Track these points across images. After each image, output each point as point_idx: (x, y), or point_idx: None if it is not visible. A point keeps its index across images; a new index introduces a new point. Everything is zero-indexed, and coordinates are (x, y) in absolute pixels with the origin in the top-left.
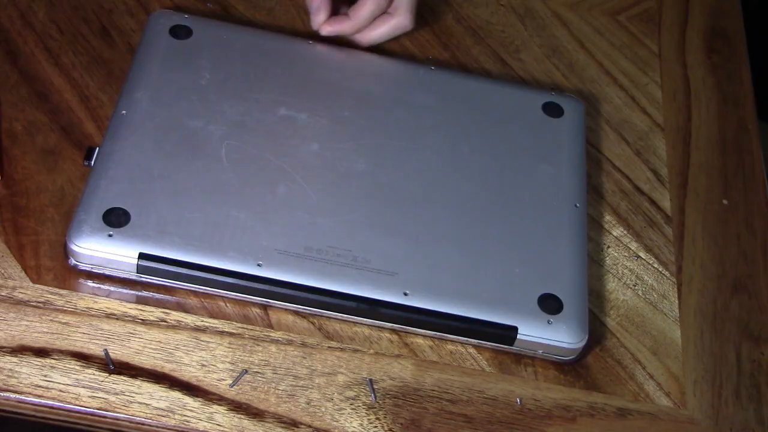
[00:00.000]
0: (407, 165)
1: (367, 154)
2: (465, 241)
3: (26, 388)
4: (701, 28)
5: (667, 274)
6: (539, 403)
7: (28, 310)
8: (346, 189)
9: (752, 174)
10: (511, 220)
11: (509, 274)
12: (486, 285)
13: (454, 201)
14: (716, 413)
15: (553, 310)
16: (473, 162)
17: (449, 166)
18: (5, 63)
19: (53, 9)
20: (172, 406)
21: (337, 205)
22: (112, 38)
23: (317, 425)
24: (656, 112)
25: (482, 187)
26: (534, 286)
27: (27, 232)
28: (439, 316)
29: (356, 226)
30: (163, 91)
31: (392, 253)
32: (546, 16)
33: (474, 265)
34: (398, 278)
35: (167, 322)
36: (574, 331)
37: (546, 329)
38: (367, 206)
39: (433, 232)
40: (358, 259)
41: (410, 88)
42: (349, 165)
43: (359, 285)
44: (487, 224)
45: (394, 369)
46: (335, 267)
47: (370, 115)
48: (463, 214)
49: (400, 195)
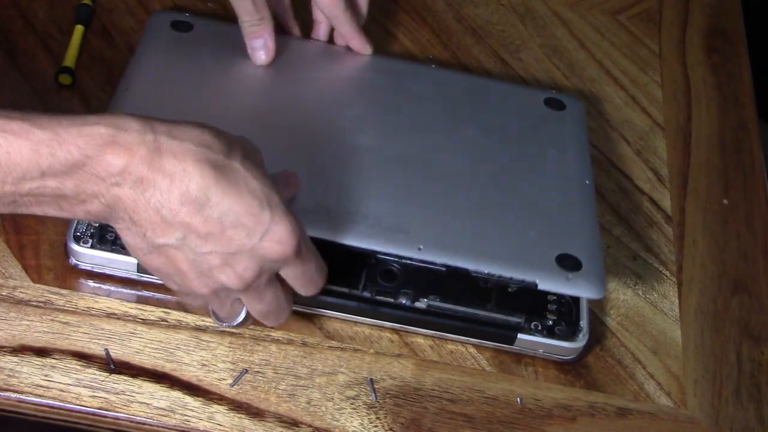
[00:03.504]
0: (417, 142)
1: (378, 131)
2: (479, 208)
3: (27, 387)
4: (701, 27)
5: (667, 273)
6: (539, 402)
7: (29, 309)
8: (356, 161)
9: (752, 174)
10: (523, 191)
11: (525, 237)
12: (502, 245)
13: (466, 174)
14: (716, 413)
15: (571, 268)
16: (482, 144)
17: (459, 146)
18: (5, 63)
19: (53, 9)
20: (172, 405)
21: (348, 173)
22: (113, 38)
23: (318, 425)
24: (656, 112)
25: (493, 164)
26: (550, 247)
27: (27, 232)
28: (439, 315)
29: (366, 191)
30: (165, 71)
31: (405, 214)
32: (546, 16)
33: (490, 228)
34: (411, 236)
35: (168, 321)
36: (595, 286)
37: (566, 285)
38: (379, 177)
39: (446, 200)
40: (369, 218)
41: (411, 81)
42: (357, 139)
43: (371, 239)
44: (500, 195)
45: (395, 368)
46: (346, 224)
47: (373, 105)
48: (475, 186)
49: (409, 169)
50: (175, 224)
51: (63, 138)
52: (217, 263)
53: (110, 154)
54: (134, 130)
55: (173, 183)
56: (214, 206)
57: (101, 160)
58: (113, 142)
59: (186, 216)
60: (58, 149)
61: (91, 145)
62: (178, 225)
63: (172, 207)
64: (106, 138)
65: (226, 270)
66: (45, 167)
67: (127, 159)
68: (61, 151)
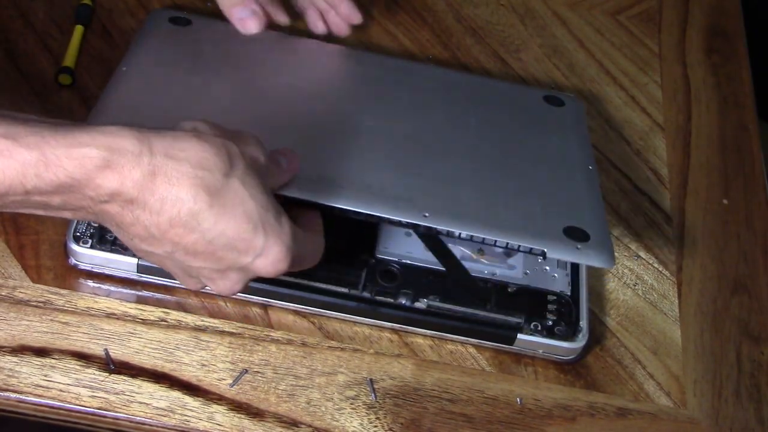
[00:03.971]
0: (418, 125)
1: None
2: (485, 183)
3: (26, 387)
4: (701, 28)
5: (667, 273)
6: (539, 402)
7: (29, 309)
8: (360, 139)
9: (752, 174)
10: (527, 170)
11: (531, 210)
12: (509, 215)
13: (471, 153)
14: (716, 413)
15: (579, 238)
16: (485, 130)
17: (462, 130)
18: (5, 63)
19: (53, 9)
20: (172, 405)
21: (352, 150)
22: (112, 38)
23: (317, 425)
24: (656, 112)
25: (497, 146)
26: (557, 219)
27: (27, 232)
28: (439, 315)
29: (370, 164)
30: (165, 56)
31: (410, 185)
32: (546, 16)
33: (496, 200)
34: (415, 203)
35: (167, 321)
36: (605, 255)
37: (575, 253)
38: (382, 152)
39: (452, 174)
40: (373, 187)
41: (412, 76)
42: (362, 121)
43: (375, 206)
44: (505, 172)
45: (394, 369)
46: (351, 191)
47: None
48: (480, 164)
49: (414, 147)
50: (163, 241)
51: (50, 160)
52: (207, 274)
53: (101, 178)
54: (129, 152)
55: (164, 206)
56: (206, 231)
57: (91, 183)
58: (106, 166)
59: (175, 236)
60: (45, 171)
61: (80, 169)
62: (166, 242)
63: (161, 227)
64: (98, 161)
65: (216, 281)
66: (30, 187)
67: (118, 183)
68: (47, 173)
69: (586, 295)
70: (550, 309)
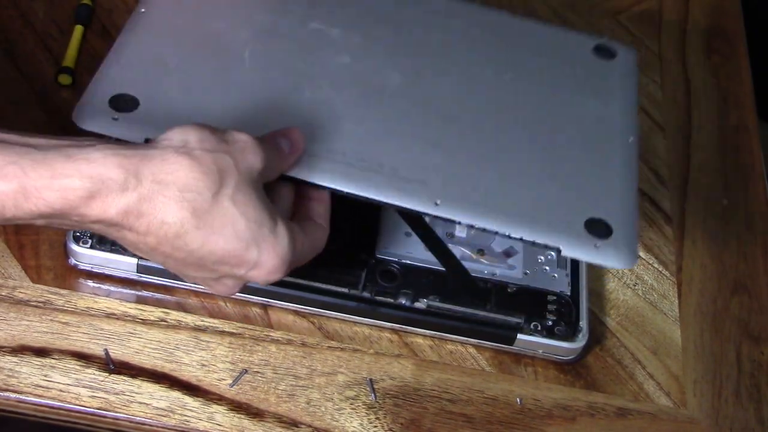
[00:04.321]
0: (445, 84)
1: (402, 70)
2: (506, 162)
3: (26, 387)
4: (701, 28)
5: (667, 274)
6: (539, 402)
7: (29, 309)
8: (377, 101)
9: (752, 174)
10: (558, 146)
11: (553, 196)
12: (527, 204)
13: (496, 123)
14: (716, 413)
15: (601, 234)
16: (516, 89)
17: (491, 89)
18: (5, 63)
19: (53, 9)
20: (172, 405)
21: (365, 115)
22: (112, 38)
23: (317, 425)
24: (656, 112)
25: (526, 113)
26: (581, 209)
27: (27, 232)
28: (439, 315)
29: (384, 136)
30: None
31: (423, 163)
32: (546, 16)
33: (515, 184)
34: (428, 187)
35: (167, 321)
36: (624, 255)
37: (592, 253)
38: (399, 119)
39: (469, 149)
40: (384, 167)
41: (450, 16)
42: (383, 79)
43: (385, 191)
44: (531, 148)
45: (394, 369)
46: (358, 171)
47: (407, 37)
48: (505, 137)
49: (434, 111)
50: (153, 254)
51: (29, 192)
52: (202, 281)
53: (85, 207)
54: (114, 182)
55: (150, 229)
56: (194, 251)
57: (74, 212)
58: (89, 197)
59: (164, 253)
60: (24, 202)
61: (62, 201)
62: (157, 255)
63: (149, 245)
64: (81, 192)
65: (212, 286)
66: (9, 216)
67: (101, 211)
68: (27, 204)
69: (586, 295)
70: (550, 309)
